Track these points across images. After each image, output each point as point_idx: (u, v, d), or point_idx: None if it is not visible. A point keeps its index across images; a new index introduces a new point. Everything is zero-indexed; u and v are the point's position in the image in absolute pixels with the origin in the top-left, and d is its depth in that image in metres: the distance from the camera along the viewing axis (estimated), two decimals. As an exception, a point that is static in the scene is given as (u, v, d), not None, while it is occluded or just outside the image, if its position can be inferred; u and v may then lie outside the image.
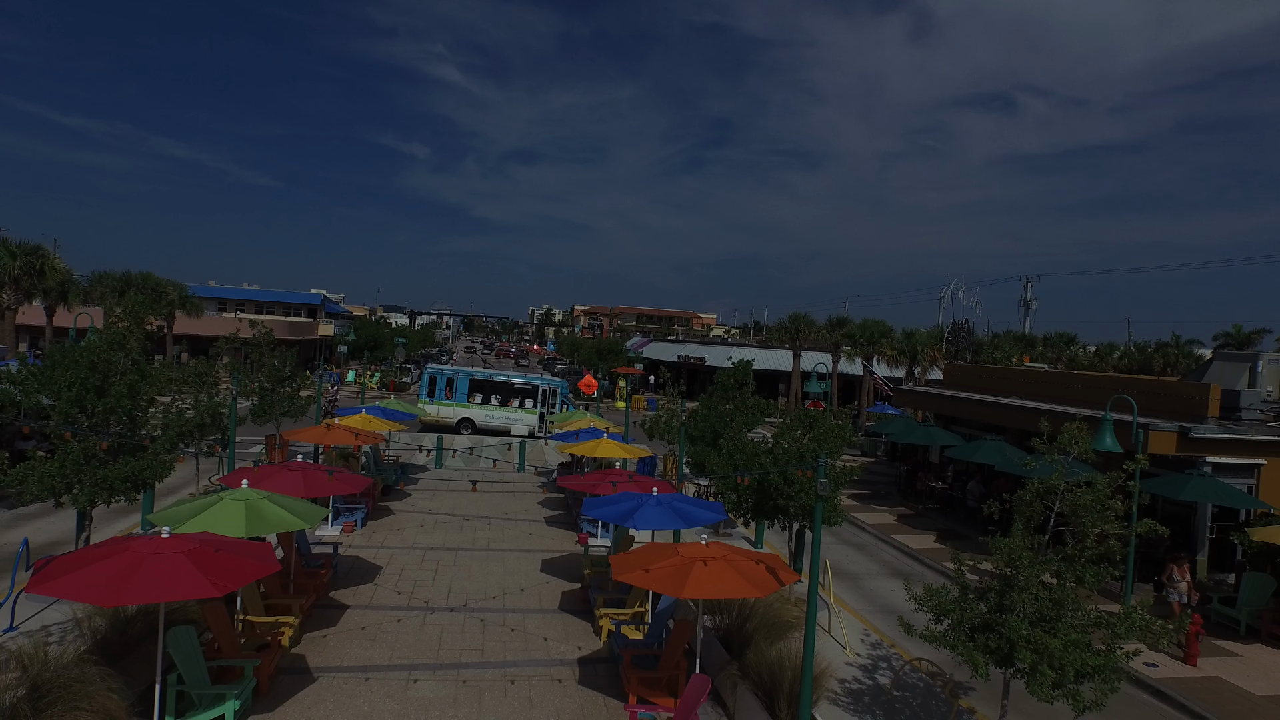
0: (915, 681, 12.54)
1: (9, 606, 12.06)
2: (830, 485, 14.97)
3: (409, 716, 10.27)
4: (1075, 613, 8.95)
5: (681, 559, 9.54)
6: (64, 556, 8.15)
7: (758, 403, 20.13)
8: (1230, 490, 17.81)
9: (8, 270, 33.22)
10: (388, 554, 17.39)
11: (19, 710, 7.88)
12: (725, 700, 11.04)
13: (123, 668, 9.57)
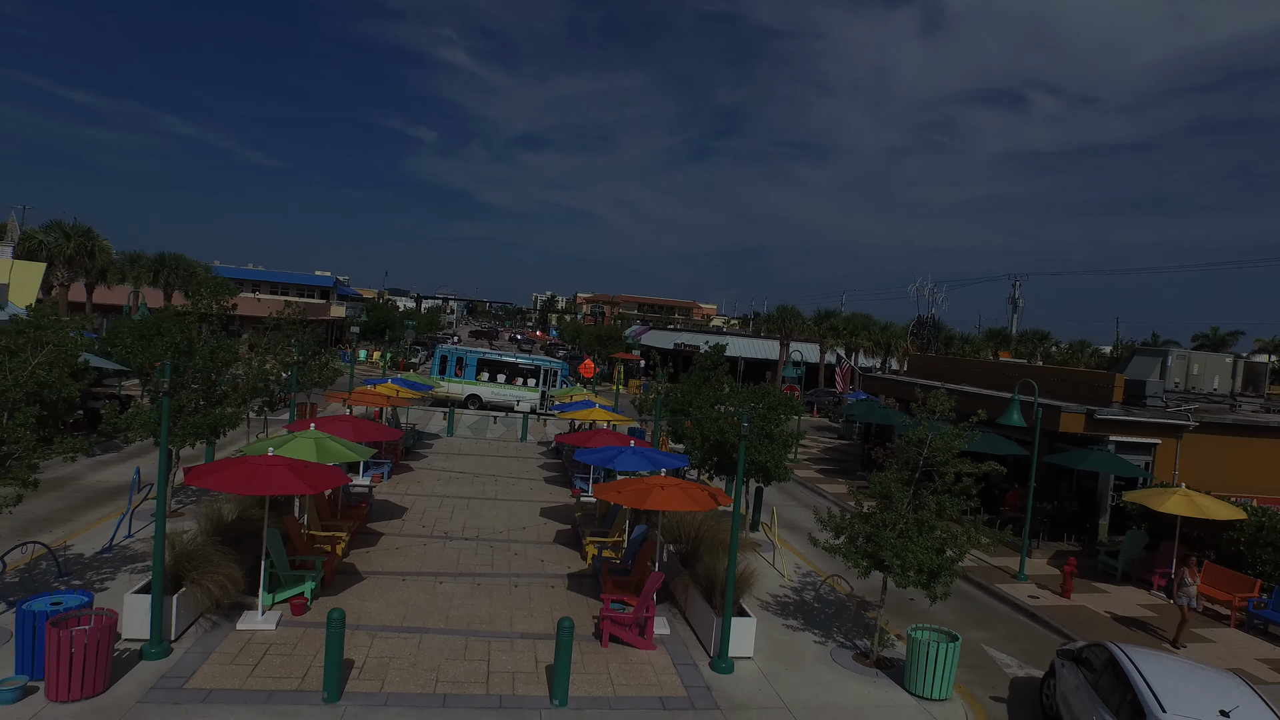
0: (832, 599, 15.85)
1: (127, 521, 15.43)
2: (779, 447, 18.30)
3: (437, 603, 13.61)
4: (931, 533, 12.22)
5: (645, 485, 12.85)
6: (207, 464, 11.46)
7: (729, 382, 23.36)
8: (1123, 462, 21.10)
9: (62, 251, 36.55)
10: (411, 499, 20.72)
11: (180, 568, 11.21)
12: (678, 599, 14.37)
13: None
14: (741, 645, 12.29)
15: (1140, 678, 9.23)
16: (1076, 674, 10.61)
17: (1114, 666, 9.81)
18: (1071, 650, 11.42)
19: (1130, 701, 9.05)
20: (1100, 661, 10.23)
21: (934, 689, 11.53)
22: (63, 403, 11.44)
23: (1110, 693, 9.53)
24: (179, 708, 9.41)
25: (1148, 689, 8.97)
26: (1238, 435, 23.02)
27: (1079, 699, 10.19)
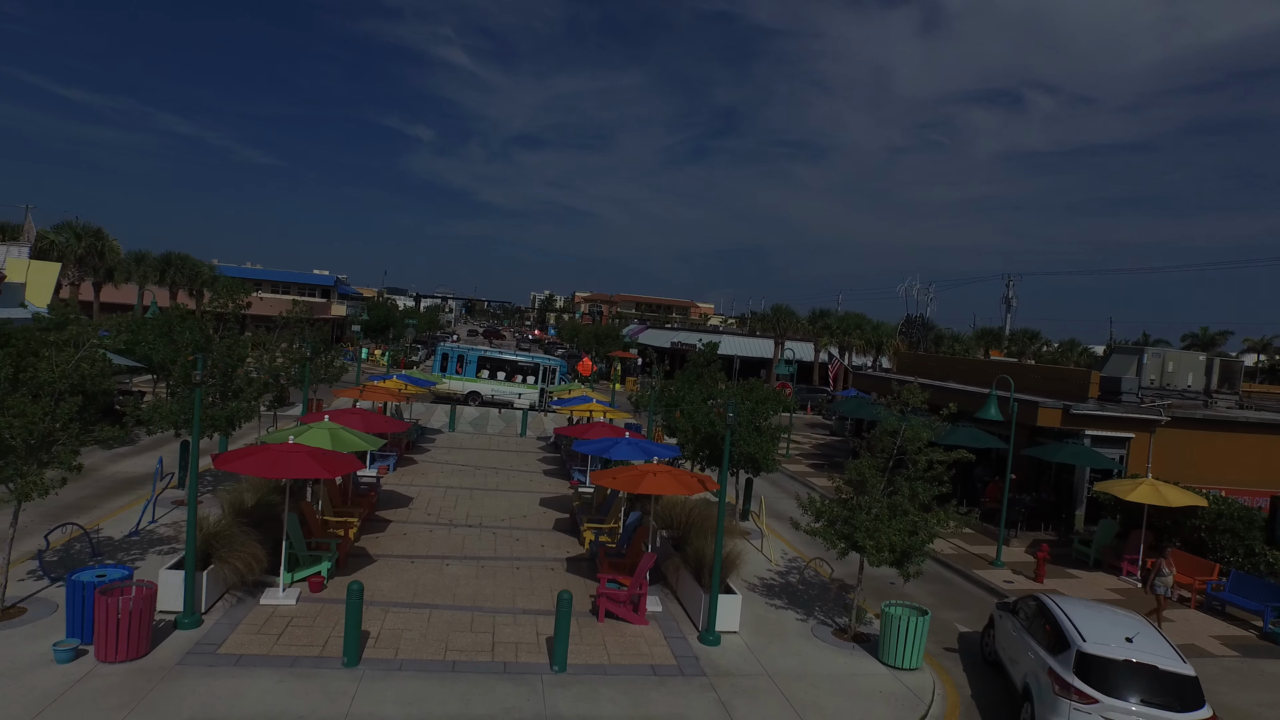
0: (816, 582, 16.82)
1: (151, 507, 16.36)
2: (767, 439, 19.26)
3: (444, 583, 14.56)
4: (904, 516, 13.16)
5: (639, 471, 13.82)
6: (234, 451, 12.40)
7: (722, 378, 24.36)
8: (1097, 455, 22.09)
9: (73, 251, 37.44)
10: (416, 490, 21.67)
11: (208, 547, 12.16)
12: (670, 580, 15.34)
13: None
14: (728, 620, 13.24)
15: (1065, 617, 11.08)
16: (1012, 622, 12.40)
17: (1044, 611, 11.59)
18: (1007, 604, 13.19)
19: (1057, 636, 10.81)
20: (1031, 609, 12.02)
21: (905, 659, 12.49)
22: (102, 394, 12.36)
23: (1041, 631, 11.29)
24: (214, 670, 10.35)
25: (1071, 625, 10.78)
26: (1208, 430, 24.01)
27: (1014, 641, 11.98)
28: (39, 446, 11.05)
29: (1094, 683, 9.77)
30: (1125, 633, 10.53)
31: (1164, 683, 9.71)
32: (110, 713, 9.03)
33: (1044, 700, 10.20)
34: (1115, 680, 9.75)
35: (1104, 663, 9.92)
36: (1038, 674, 10.64)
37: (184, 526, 16.06)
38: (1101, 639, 10.32)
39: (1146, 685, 9.70)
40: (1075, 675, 9.95)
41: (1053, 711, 9.94)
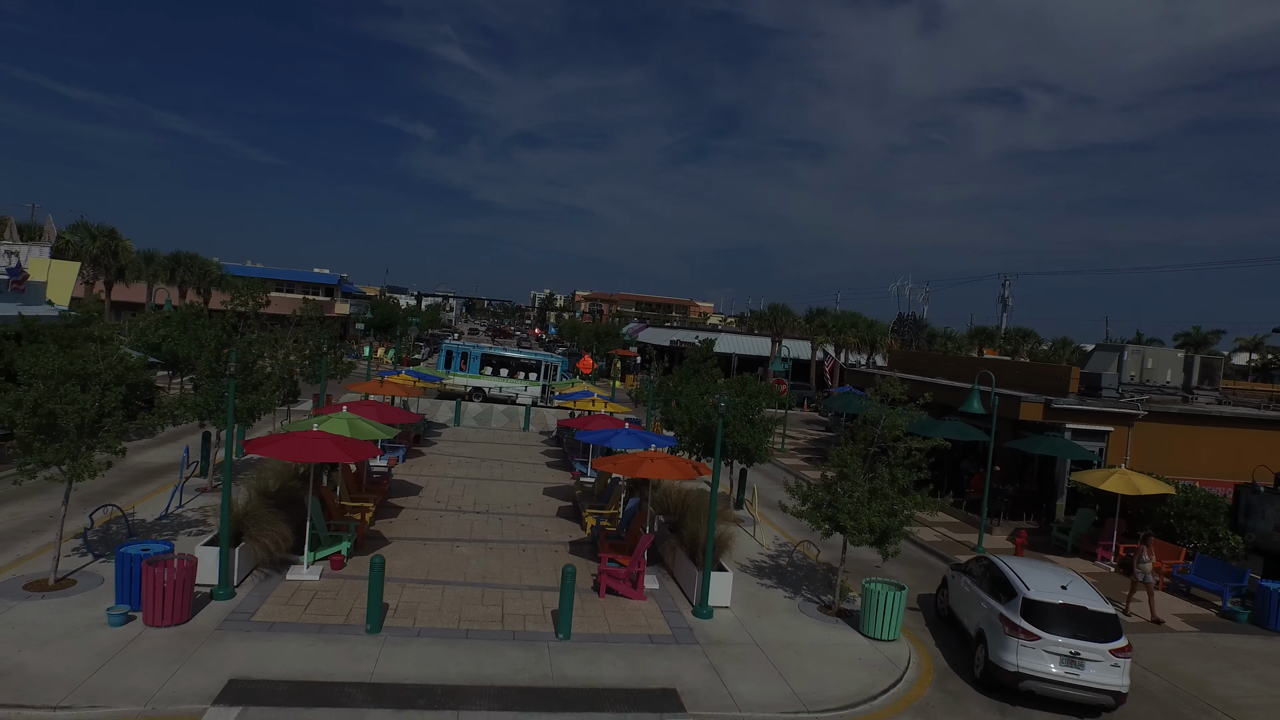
0: (804, 564, 17.84)
1: (177, 494, 17.39)
2: (759, 431, 20.26)
3: (455, 562, 15.58)
4: (884, 499, 14.16)
5: (638, 458, 14.85)
6: (264, 437, 13.40)
7: (718, 374, 25.39)
8: (1076, 447, 23.10)
9: (88, 250, 38.46)
10: (425, 479, 22.68)
11: (239, 526, 13.18)
12: (666, 561, 16.37)
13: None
14: (720, 596, 14.26)
15: (1012, 572, 13.00)
16: (964, 580, 14.26)
17: (993, 568, 13.57)
18: (960, 564, 15.15)
19: (1005, 587, 12.77)
20: (982, 567, 13.99)
21: (884, 631, 13.51)
22: (143, 385, 13.36)
23: (990, 585, 13.22)
24: (250, 634, 11.37)
25: (1017, 578, 12.72)
26: (1184, 424, 25.02)
27: (967, 596, 13.90)
28: (88, 432, 12.05)
29: (1037, 622, 11.75)
30: (1060, 583, 12.51)
31: (1091, 620, 11.73)
32: (164, 667, 10.06)
33: (996, 640, 12.07)
34: (1053, 620, 11.75)
35: (1044, 606, 11.90)
36: (990, 620, 12.47)
37: (209, 511, 17.18)
38: (1042, 588, 12.26)
39: (1077, 622, 11.71)
40: (1022, 618, 11.87)
41: (1003, 648, 11.84)
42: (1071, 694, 11.45)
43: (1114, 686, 11.36)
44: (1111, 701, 11.50)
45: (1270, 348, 75.59)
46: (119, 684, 9.59)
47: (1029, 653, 11.59)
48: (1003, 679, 11.81)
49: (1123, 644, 11.56)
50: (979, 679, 12.40)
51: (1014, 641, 11.72)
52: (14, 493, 17.56)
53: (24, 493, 17.59)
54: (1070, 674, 11.43)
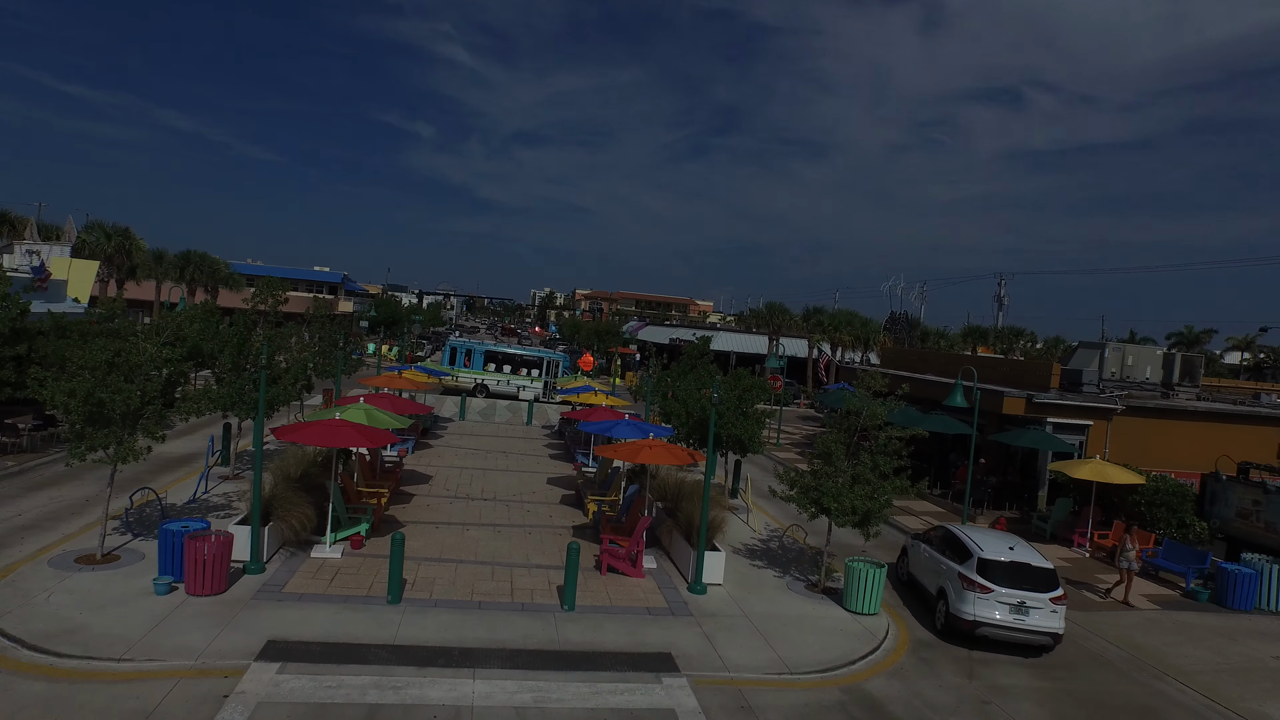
0: (793, 547, 18.92)
1: (203, 480, 18.47)
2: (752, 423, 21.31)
3: (466, 544, 16.66)
4: (865, 484, 15.22)
5: (637, 445, 15.93)
6: (292, 425, 14.47)
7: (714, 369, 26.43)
8: (1056, 440, 24.18)
9: (103, 249, 39.53)
10: (434, 469, 23.76)
11: (268, 507, 14.25)
12: (664, 543, 17.46)
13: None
14: (713, 574, 15.33)
15: (966, 537, 14.91)
16: (923, 547, 16.08)
17: (950, 535, 15.41)
18: (918, 534, 17.03)
19: (961, 550, 14.59)
20: (940, 535, 15.82)
21: (865, 605, 14.59)
22: (179, 375, 14.43)
23: (948, 549, 15.04)
24: (282, 603, 12.45)
25: (973, 542, 14.58)
26: (1161, 418, 26.13)
27: (926, 561, 15.73)
28: (132, 419, 13.12)
29: (990, 578, 13.68)
30: (1008, 545, 14.49)
31: (1034, 574, 13.73)
32: (209, 629, 11.14)
33: (956, 595, 13.99)
34: (1003, 575, 13.68)
35: (996, 564, 13.83)
36: (950, 578, 14.33)
37: (234, 496, 18.27)
38: (993, 550, 14.19)
39: (1023, 577, 13.67)
40: (977, 575, 13.77)
41: (962, 601, 13.78)
42: (1019, 636, 13.39)
43: (1053, 629, 13.37)
44: (1050, 641, 13.46)
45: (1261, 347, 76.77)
46: (170, 642, 10.67)
47: (984, 603, 13.51)
48: (961, 627, 13.67)
49: (1060, 593, 13.55)
50: (941, 629, 14.32)
51: (971, 595, 13.64)
52: (48, 479, 18.67)
53: (57, 479, 18.71)
54: (1018, 620, 13.36)
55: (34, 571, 12.65)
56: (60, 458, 20.55)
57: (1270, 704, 12.62)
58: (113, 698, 9.23)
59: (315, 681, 10.10)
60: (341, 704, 9.64)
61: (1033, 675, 13.02)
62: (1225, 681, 13.39)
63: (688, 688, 11.00)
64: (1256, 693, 13.00)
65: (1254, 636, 15.71)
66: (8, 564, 13.00)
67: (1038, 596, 13.40)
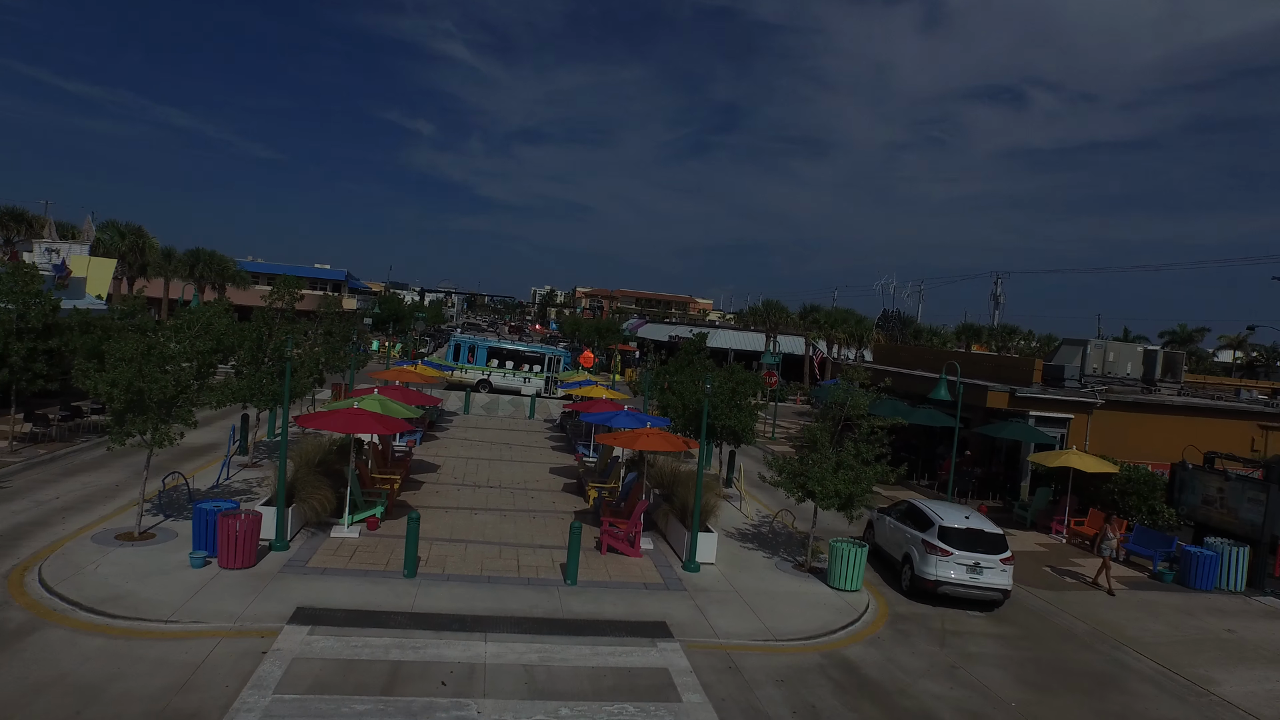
0: (783, 531, 19.99)
1: (225, 468, 19.54)
2: (745, 415, 22.38)
3: (475, 526, 17.73)
4: (849, 470, 16.28)
5: (635, 433, 17.00)
6: (315, 413, 15.54)
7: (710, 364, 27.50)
8: (1038, 432, 25.24)
9: (117, 247, 40.59)
10: (442, 459, 24.83)
11: (291, 489, 15.30)
12: (660, 526, 18.53)
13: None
14: (706, 553, 16.39)
15: (928, 508, 16.71)
16: (887, 519, 17.75)
17: (912, 507, 17.24)
18: (882, 509, 18.63)
19: (922, 520, 16.41)
20: (903, 508, 17.59)
21: (847, 582, 15.65)
22: (210, 367, 15.48)
23: (910, 519, 16.86)
24: (307, 576, 13.52)
25: (934, 513, 16.37)
26: (1140, 412, 27.18)
27: (893, 530, 17.37)
28: (167, 406, 14.18)
29: (949, 543, 15.51)
30: (964, 515, 16.40)
31: (986, 539, 15.66)
32: (243, 597, 12.21)
33: (920, 558, 15.83)
34: (960, 540, 15.54)
35: (954, 530, 15.69)
36: (914, 545, 16.16)
37: (253, 482, 19.34)
38: (951, 519, 16.04)
39: (977, 541, 15.54)
40: (939, 540, 15.60)
41: (925, 564, 15.63)
42: (974, 593, 15.35)
43: (1003, 586, 15.36)
44: (1000, 597, 15.45)
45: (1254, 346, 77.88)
46: (210, 607, 11.74)
47: (944, 565, 15.37)
48: (925, 586, 15.55)
49: (1008, 555, 15.49)
50: (907, 590, 16.19)
51: (933, 558, 15.52)
52: (79, 466, 19.74)
53: (87, 466, 19.80)
54: (973, 578, 15.29)
55: (80, 547, 13.72)
56: (87, 446, 21.65)
57: (1215, 669, 13.68)
58: (165, 651, 10.30)
59: (342, 641, 11.17)
60: (367, 660, 10.70)
61: (999, 645, 14.08)
62: (1178, 651, 14.46)
63: (680, 651, 12.07)
64: (1204, 660, 14.07)
65: (1210, 613, 16.77)
66: (55, 540, 14.10)
67: (990, 558, 15.30)
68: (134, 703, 8.99)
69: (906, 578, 16.25)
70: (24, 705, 8.74)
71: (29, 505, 16.11)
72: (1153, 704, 12.19)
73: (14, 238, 36.84)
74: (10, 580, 12.23)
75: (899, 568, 16.69)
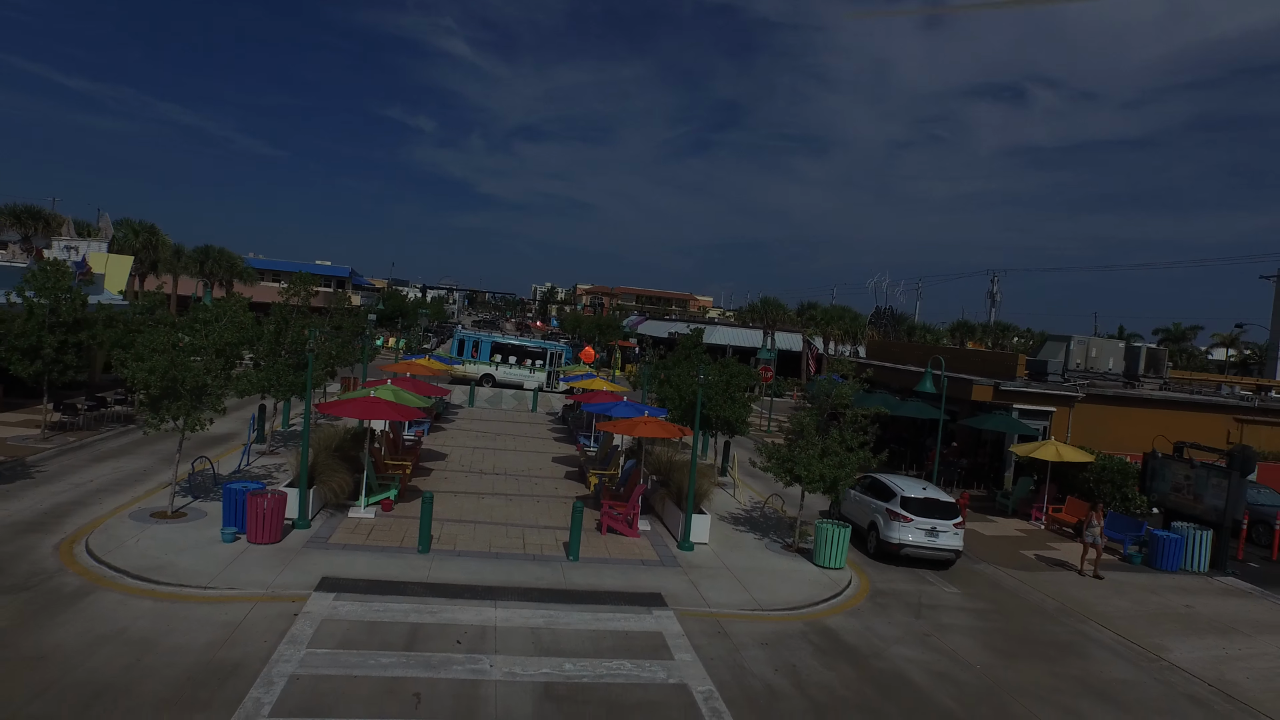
0: (773, 516, 21.08)
1: (246, 454, 20.63)
2: (739, 406, 23.44)
3: (483, 509, 18.81)
4: (834, 455, 17.35)
5: (633, 421, 18.10)
6: (334, 401, 16.62)
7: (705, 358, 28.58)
8: (1021, 424, 26.30)
9: (131, 245, 41.67)
10: (449, 448, 25.92)
11: (312, 472, 16.38)
12: (657, 510, 19.62)
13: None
14: (700, 534, 17.47)
15: (889, 480, 18.72)
16: (853, 492, 19.42)
17: (875, 480, 19.09)
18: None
19: (885, 491, 18.41)
20: (867, 481, 19.39)
21: (831, 560, 16.73)
22: (237, 357, 16.56)
23: (874, 491, 18.84)
24: (329, 551, 14.61)
25: (896, 485, 18.43)
26: (1120, 405, 28.25)
27: (856, 502, 19.38)
28: (198, 393, 15.26)
29: (909, 510, 17.58)
30: (921, 486, 18.46)
31: (941, 506, 17.72)
32: (272, 568, 13.31)
33: (884, 525, 17.85)
34: (919, 508, 17.60)
35: (914, 500, 17.74)
36: (879, 513, 18.20)
37: (272, 468, 20.44)
38: (911, 490, 18.10)
39: (934, 509, 17.60)
40: (900, 508, 17.65)
41: (889, 530, 17.68)
42: (932, 554, 17.47)
43: (955, 547, 17.52)
44: (953, 556, 17.66)
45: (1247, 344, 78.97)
46: (243, 576, 12.84)
47: (906, 530, 17.43)
48: (889, 549, 17.63)
49: (960, 520, 17.68)
50: (872, 553, 18.27)
51: (897, 524, 17.57)
52: (108, 453, 20.84)
53: (115, 453, 20.91)
54: (930, 541, 17.37)
55: (119, 523, 14.83)
56: (112, 434, 22.75)
57: (1170, 639, 14.76)
58: (207, 612, 11.40)
59: (366, 606, 12.27)
60: (389, 622, 11.79)
61: (972, 617, 15.16)
62: (1139, 624, 15.54)
63: (674, 618, 13.16)
64: (1161, 632, 15.16)
65: (1173, 590, 17.86)
66: (95, 517, 15.21)
67: (945, 523, 17.41)
68: (186, 653, 10.09)
69: (872, 543, 18.27)
70: (92, 652, 9.84)
71: (67, 487, 17.21)
72: (1108, 668, 13.27)
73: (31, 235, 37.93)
74: (61, 551, 13.34)
75: (865, 534, 18.64)
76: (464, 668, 10.58)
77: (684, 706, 10.23)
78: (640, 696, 10.37)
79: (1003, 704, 11.43)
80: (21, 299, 19.07)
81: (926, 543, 17.31)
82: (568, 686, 10.42)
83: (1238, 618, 16.46)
